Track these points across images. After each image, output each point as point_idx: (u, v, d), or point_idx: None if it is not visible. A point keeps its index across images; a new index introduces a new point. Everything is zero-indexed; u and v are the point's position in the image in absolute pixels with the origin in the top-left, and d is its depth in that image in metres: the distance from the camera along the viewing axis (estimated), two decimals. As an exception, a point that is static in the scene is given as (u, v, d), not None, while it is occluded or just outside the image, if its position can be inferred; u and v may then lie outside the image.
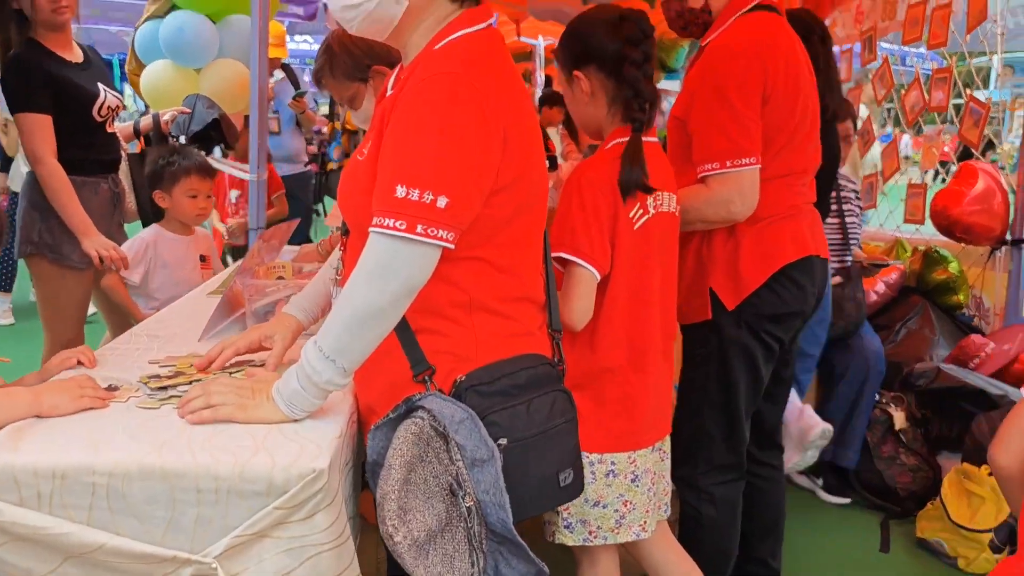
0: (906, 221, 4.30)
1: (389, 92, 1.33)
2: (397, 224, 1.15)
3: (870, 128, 5.02)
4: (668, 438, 1.79)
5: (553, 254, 1.60)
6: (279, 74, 5.19)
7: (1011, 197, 3.64)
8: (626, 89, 1.67)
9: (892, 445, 3.01)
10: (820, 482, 3.10)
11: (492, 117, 1.20)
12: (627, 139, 1.66)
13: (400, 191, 1.15)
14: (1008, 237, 3.67)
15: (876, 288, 3.81)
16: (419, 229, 1.15)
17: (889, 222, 4.68)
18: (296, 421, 1.26)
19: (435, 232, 1.16)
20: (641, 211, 1.65)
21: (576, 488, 1.36)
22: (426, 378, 1.26)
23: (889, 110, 5.90)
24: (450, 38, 1.25)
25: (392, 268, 1.17)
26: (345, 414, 1.34)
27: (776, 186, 1.85)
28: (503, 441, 1.23)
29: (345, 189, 1.35)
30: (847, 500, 3.04)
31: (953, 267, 3.82)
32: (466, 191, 1.18)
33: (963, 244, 3.76)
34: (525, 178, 1.29)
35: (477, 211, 1.22)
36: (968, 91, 4.01)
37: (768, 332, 1.93)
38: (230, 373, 1.50)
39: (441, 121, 1.17)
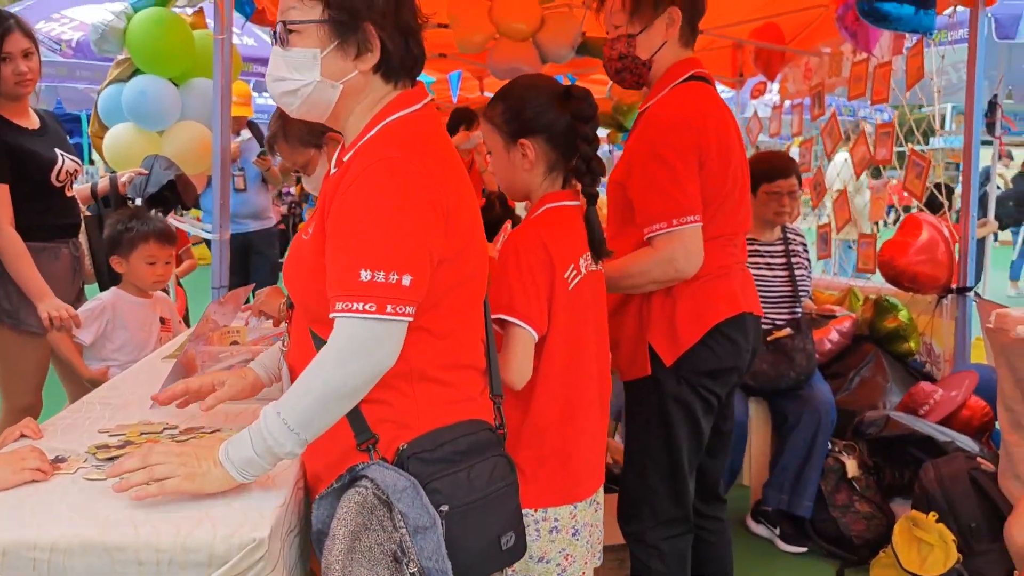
0: (858, 270, 4.43)
1: (332, 171, 1.39)
2: (367, 307, 1.21)
3: (822, 180, 5.19)
4: (602, 488, 1.84)
5: (492, 316, 1.66)
6: (246, 133, 5.26)
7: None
8: (577, 163, 1.76)
9: (846, 493, 3.07)
10: (777, 531, 3.14)
11: (435, 195, 1.27)
12: (562, 203, 1.76)
13: (365, 275, 1.21)
14: (953, 286, 3.79)
15: (830, 337, 3.91)
16: (389, 309, 1.21)
17: (842, 271, 4.81)
18: (242, 486, 1.28)
19: (403, 309, 1.23)
20: (575, 272, 1.73)
21: (519, 550, 1.39)
22: (370, 447, 1.30)
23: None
24: (387, 121, 1.32)
25: (367, 348, 1.22)
26: (290, 483, 1.36)
27: (710, 247, 1.93)
28: (444, 507, 1.27)
29: (291, 267, 1.40)
30: (804, 549, 3.08)
31: (903, 315, 3.93)
32: (423, 267, 1.25)
33: (911, 293, 3.88)
34: (467, 251, 1.35)
35: (428, 285, 1.28)
36: (909, 145, 4.17)
37: (706, 387, 2.00)
38: (175, 439, 1.52)
39: (391, 203, 1.23)
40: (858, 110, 8.25)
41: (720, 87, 9.51)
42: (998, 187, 8.44)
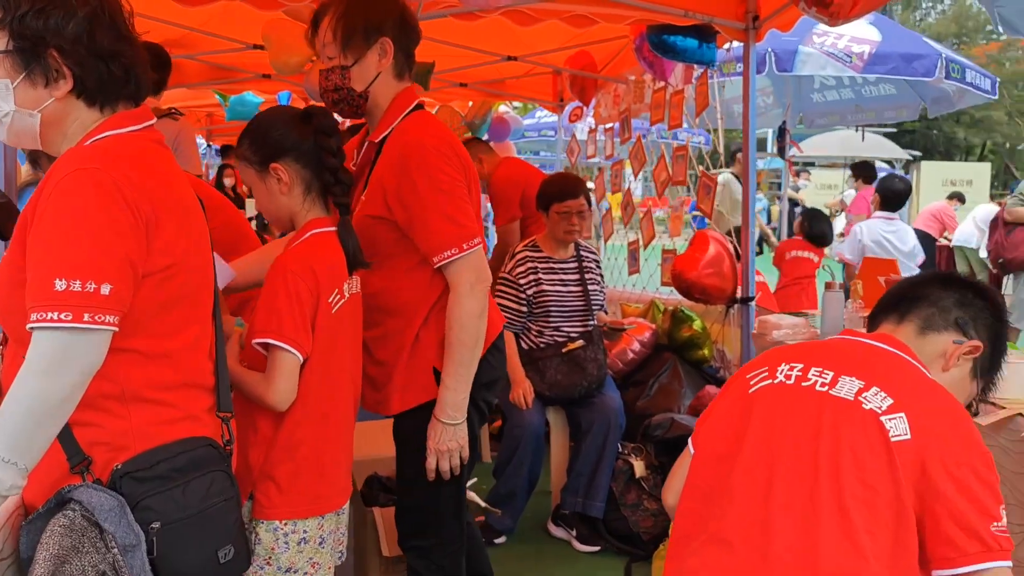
0: (663, 284, 4.72)
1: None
2: (63, 316, 1.20)
3: (631, 200, 5.50)
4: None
5: (257, 340, 1.70)
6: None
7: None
8: (327, 176, 1.82)
9: (635, 492, 3.27)
10: (574, 533, 3.31)
11: (135, 206, 1.28)
12: (326, 229, 1.82)
13: (60, 284, 1.21)
14: (738, 296, 4.12)
15: (632, 347, 4.17)
16: (87, 317, 1.21)
17: (651, 284, 5.12)
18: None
19: (103, 318, 1.23)
20: (339, 296, 1.80)
21: (239, 564, 1.44)
22: (83, 469, 1.31)
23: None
24: (92, 140, 1.34)
25: (65, 360, 1.22)
26: (10, 509, 1.35)
27: None
28: (156, 524, 1.30)
29: None
30: (597, 548, 3.26)
31: (697, 325, 4.24)
32: (124, 276, 1.26)
33: (703, 304, 4.19)
34: (181, 267, 1.37)
35: (132, 295, 1.29)
36: (700, 168, 4.51)
37: (484, 399, 2.08)
38: None
39: (86, 212, 1.24)
40: (679, 133, 8.76)
41: (543, 111, 9.80)
42: (800, 205, 9.18)
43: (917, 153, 23.38)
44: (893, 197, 5.42)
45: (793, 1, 3.39)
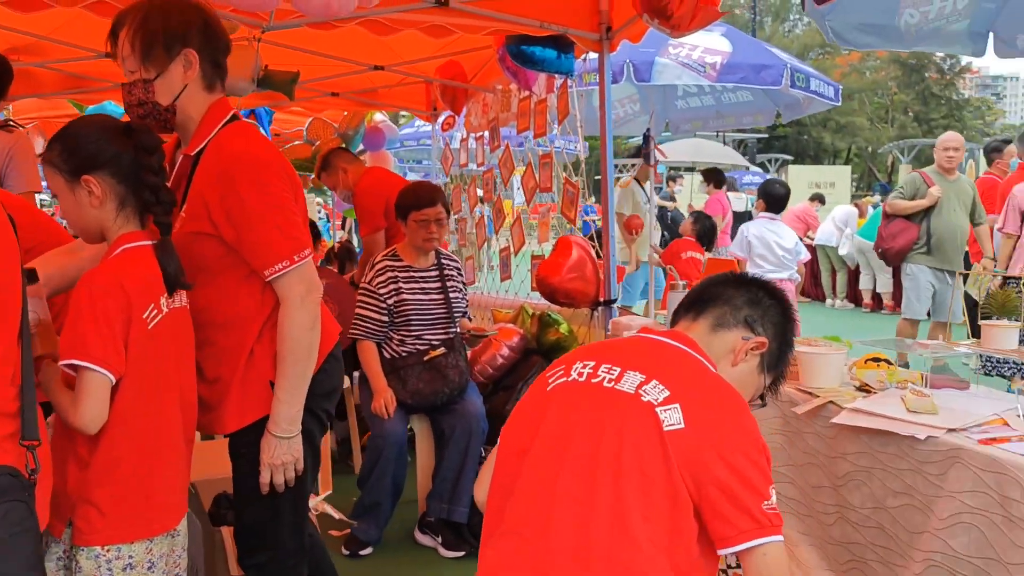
0: (533, 289, 4.81)
1: None
2: None
3: (502, 207, 5.58)
4: (185, 518, 1.87)
5: (64, 361, 1.64)
6: None
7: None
8: (146, 194, 1.78)
9: (500, 495, 3.31)
10: (439, 539, 3.33)
11: None
12: (139, 243, 1.77)
13: None
14: (600, 299, 4.25)
15: (501, 352, 4.22)
16: None
17: (522, 290, 5.20)
18: None
19: None
20: (155, 311, 1.75)
21: (39, 592, 1.39)
22: None
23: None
24: None
25: None
26: None
27: None
28: (-59, 557, 1.24)
29: None
30: (463, 553, 3.29)
31: (564, 328, 4.33)
32: None
33: (569, 308, 4.29)
34: None
35: None
36: (564, 175, 4.62)
37: (323, 409, 2.08)
38: None
39: None
40: (556, 139, 8.94)
41: (418, 121, 9.79)
42: (667, 211, 9.52)
43: (787, 157, 24.62)
44: (775, 200, 5.78)
45: (639, 14, 3.52)
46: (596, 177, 5.07)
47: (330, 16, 3.24)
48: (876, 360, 2.37)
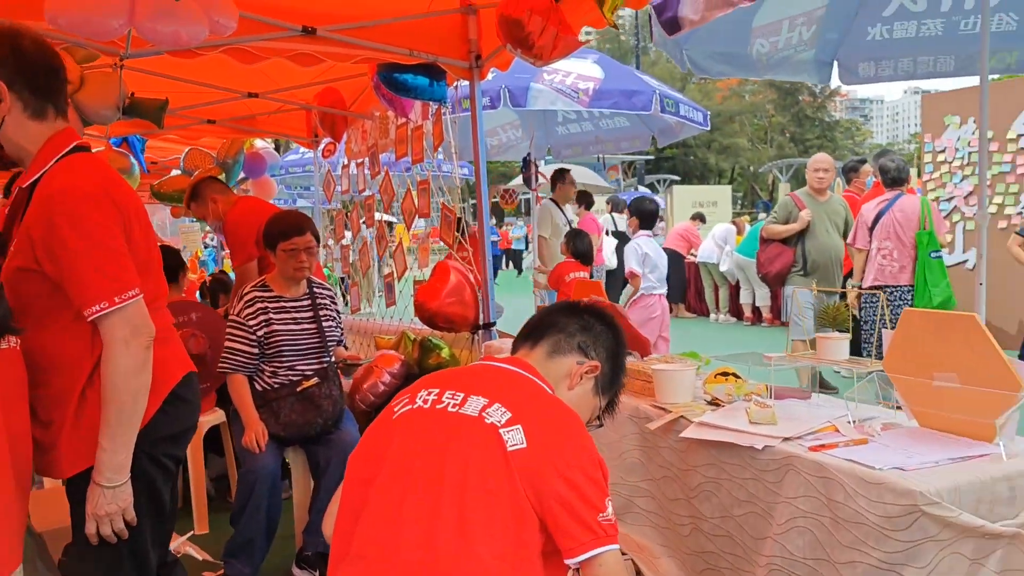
0: (416, 314, 4.81)
1: None
2: None
3: (385, 233, 5.57)
4: (20, 569, 1.79)
5: None
6: None
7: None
8: None
9: (378, 525, 3.28)
10: (317, 573, 3.27)
11: None
12: None
13: None
14: (480, 322, 4.29)
15: (383, 379, 4.19)
16: None
17: (406, 315, 5.19)
18: None
19: None
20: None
21: None
22: None
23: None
24: None
25: None
26: None
27: (151, 313, 1.91)
28: None
29: None
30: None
31: (445, 353, 4.35)
32: None
33: (450, 332, 4.31)
34: None
35: None
36: (442, 200, 4.67)
37: (167, 454, 2.00)
38: None
39: None
40: (442, 166, 9.01)
41: (301, 148, 9.69)
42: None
43: (675, 177, 25.49)
44: (647, 216, 5.95)
45: (503, 44, 3.61)
46: (494, 199, 5.14)
47: (181, 46, 3.19)
48: (725, 374, 2.49)
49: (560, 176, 6.71)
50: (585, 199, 7.78)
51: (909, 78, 4.76)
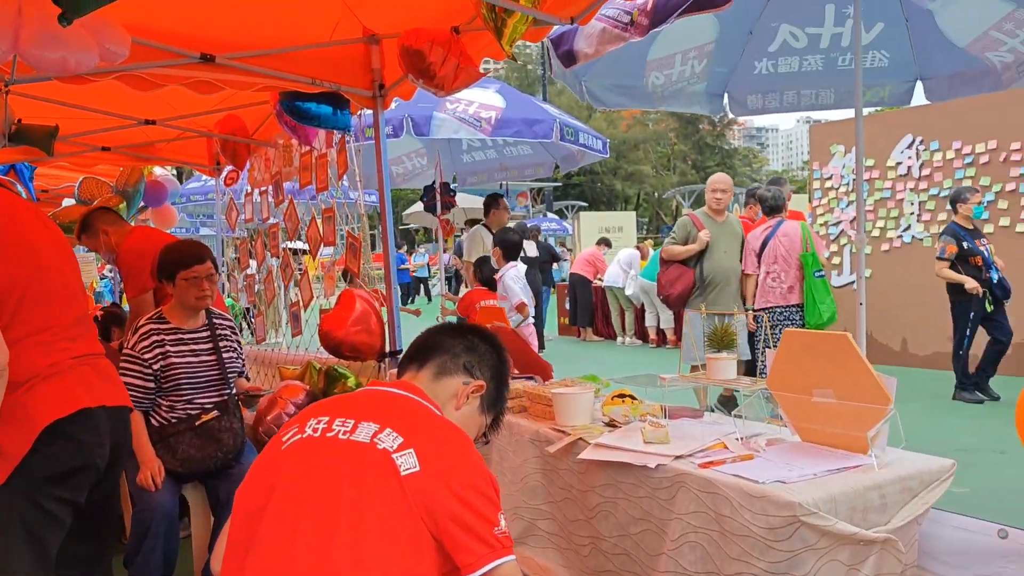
0: (321, 344, 4.76)
1: None
2: None
3: (290, 262, 5.50)
4: None
5: None
6: None
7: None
8: None
9: (282, 559, 3.22)
10: (218, 613, 3.18)
11: None
12: None
13: None
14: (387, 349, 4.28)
15: (287, 411, 4.12)
16: None
17: (312, 345, 5.13)
18: None
19: None
20: None
21: None
22: None
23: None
24: None
25: None
26: None
27: (24, 347, 1.89)
28: None
29: None
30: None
31: (351, 382, 4.31)
32: None
33: (355, 360, 4.28)
34: None
35: None
36: (347, 228, 4.65)
37: (54, 496, 1.93)
38: None
39: None
40: (348, 193, 8.96)
41: (203, 176, 9.49)
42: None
43: (583, 203, 25.96)
44: (511, 247, 6.02)
45: (405, 75, 3.65)
46: (404, 226, 5.14)
47: (68, 72, 3.10)
48: (622, 396, 2.57)
49: (494, 202, 6.73)
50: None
51: (794, 110, 5.04)
